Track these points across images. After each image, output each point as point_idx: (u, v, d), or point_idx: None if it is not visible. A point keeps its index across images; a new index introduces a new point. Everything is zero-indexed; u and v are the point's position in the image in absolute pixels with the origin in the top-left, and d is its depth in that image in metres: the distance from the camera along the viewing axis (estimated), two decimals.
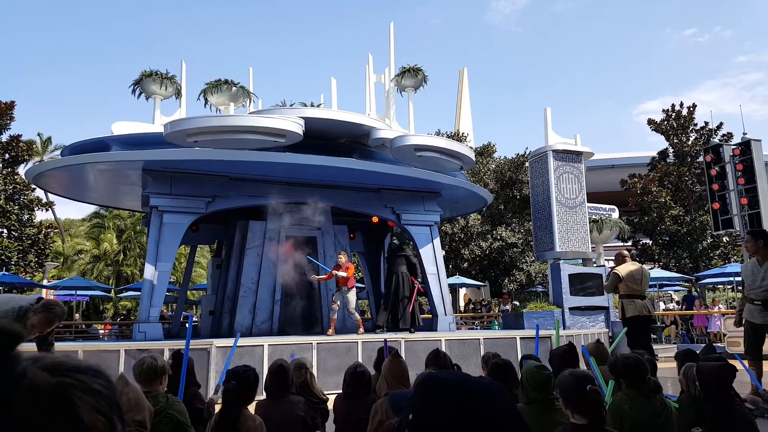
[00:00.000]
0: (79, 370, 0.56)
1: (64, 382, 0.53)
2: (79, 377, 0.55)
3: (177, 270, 23.30)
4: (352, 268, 9.18)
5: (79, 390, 0.53)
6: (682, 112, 23.20)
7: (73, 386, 0.53)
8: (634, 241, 23.91)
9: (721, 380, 3.39)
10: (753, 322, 6.33)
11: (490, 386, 0.80)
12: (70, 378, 0.54)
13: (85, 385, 0.54)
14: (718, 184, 12.02)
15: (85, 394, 0.54)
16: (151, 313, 8.70)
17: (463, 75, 36.62)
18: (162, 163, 8.97)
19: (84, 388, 0.54)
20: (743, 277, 6.57)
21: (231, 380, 3.22)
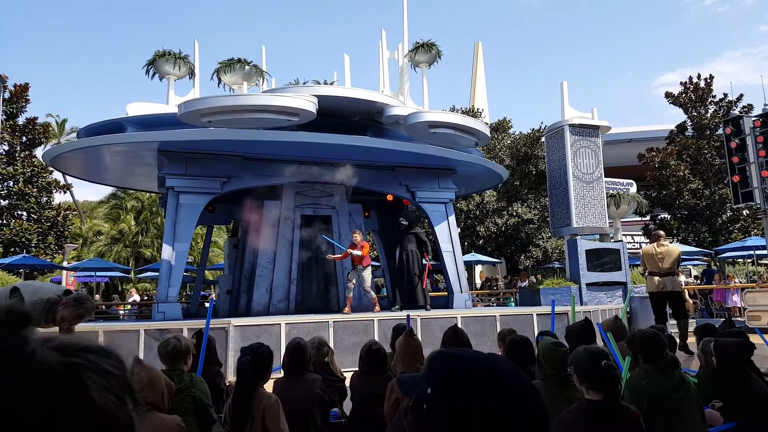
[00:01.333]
0: (89, 350, 0.55)
1: (74, 362, 0.53)
2: (90, 357, 0.54)
3: (194, 250, 23.57)
4: (366, 246, 9.19)
5: (89, 370, 0.53)
6: (700, 84, 22.63)
7: (83, 366, 0.53)
8: (653, 215, 23.60)
9: (738, 356, 3.36)
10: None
11: (504, 363, 0.80)
12: (80, 358, 0.53)
13: (95, 365, 0.54)
14: (738, 156, 11.79)
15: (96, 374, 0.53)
16: (170, 293, 8.83)
17: (477, 49, 35.95)
18: (177, 144, 8.99)
19: (94, 368, 0.54)
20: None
21: (246, 355, 3.25)
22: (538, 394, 0.77)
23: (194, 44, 11.44)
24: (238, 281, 10.49)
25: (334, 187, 10.28)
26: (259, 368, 3.26)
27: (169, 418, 2.69)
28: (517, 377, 0.77)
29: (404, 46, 11.87)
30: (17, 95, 18.93)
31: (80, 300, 3.87)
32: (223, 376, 4.38)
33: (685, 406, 2.92)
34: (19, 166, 18.70)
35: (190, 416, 3.04)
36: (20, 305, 0.56)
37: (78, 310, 3.78)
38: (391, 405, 3.49)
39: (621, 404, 2.54)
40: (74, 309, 3.76)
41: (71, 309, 3.75)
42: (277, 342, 7.46)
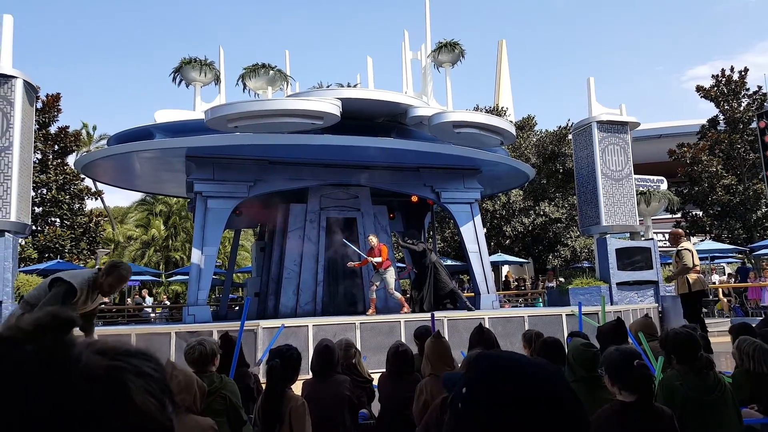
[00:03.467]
0: (130, 354, 0.56)
1: (116, 366, 0.54)
2: (131, 361, 0.55)
3: (222, 254, 23.92)
4: (384, 249, 9.19)
5: (130, 373, 0.54)
6: (733, 77, 22.02)
7: (125, 369, 0.54)
8: (684, 212, 23.05)
9: None
10: None
11: (546, 366, 0.78)
12: (122, 361, 0.55)
13: (136, 368, 0.55)
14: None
15: (137, 377, 0.54)
16: (200, 296, 8.97)
17: (501, 47, 35.66)
18: (204, 150, 9.13)
19: (135, 372, 0.55)
20: None
21: (275, 358, 3.26)
22: (580, 402, 0.75)
23: (219, 51, 11.61)
24: (265, 284, 10.59)
25: (359, 189, 10.30)
26: (288, 370, 3.28)
27: (203, 419, 2.72)
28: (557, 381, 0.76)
29: (427, 47, 11.83)
30: (49, 105, 19.50)
31: (115, 264, 4.26)
32: (251, 376, 4.41)
33: (721, 407, 2.85)
34: (51, 174, 19.25)
35: (221, 417, 3.07)
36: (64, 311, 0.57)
37: (119, 272, 4.16)
38: (420, 407, 3.48)
39: (654, 405, 2.49)
40: (115, 274, 4.14)
41: (113, 275, 4.13)
42: (305, 344, 7.50)
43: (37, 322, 0.54)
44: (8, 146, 8.83)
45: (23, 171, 9.16)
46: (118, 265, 4.23)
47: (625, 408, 2.37)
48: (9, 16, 9.07)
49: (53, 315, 0.55)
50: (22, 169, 9.06)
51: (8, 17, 9.06)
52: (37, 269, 15.39)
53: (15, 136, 8.89)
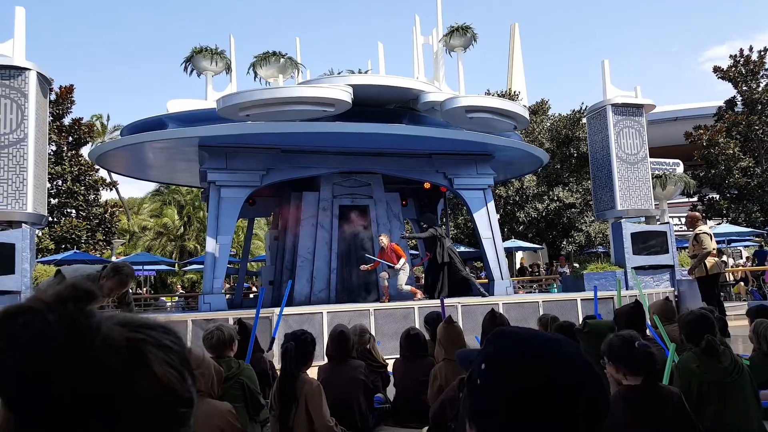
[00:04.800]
0: (150, 326, 0.57)
1: (136, 337, 0.55)
2: (150, 333, 0.56)
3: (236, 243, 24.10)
4: (396, 248, 9.24)
5: (150, 345, 0.55)
6: (752, 57, 21.55)
7: (145, 341, 0.55)
8: (701, 196, 22.74)
9: None
10: None
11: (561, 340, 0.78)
12: (142, 333, 0.56)
13: (156, 340, 0.56)
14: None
15: (157, 348, 0.55)
16: (215, 285, 9.04)
17: (514, 31, 35.17)
18: (217, 139, 9.15)
19: (155, 343, 0.56)
20: None
21: (290, 341, 3.29)
22: (599, 377, 0.75)
23: (230, 39, 11.59)
24: (279, 272, 10.65)
25: (371, 176, 10.27)
26: (302, 354, 3.31)
27: (220, 404, 2.75)
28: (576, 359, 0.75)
29: (438, 31, 11.69)
30: (62, 97, 19.66)
31: (117, 268, 4.04)
32: (267, 361, 4.45)
33: (739, 389, 2.83)
34: (66, 166, 19.46)
35: (239, 402, 3.11)
36: (85, 282, 0.58)
37: (119, 277, 3.95)
38: (435, 391, 3.50)
39: (661, 386, 2.49)
40: (116, 278, 3.93)
41: (113, 279, 3.92)
42: (320, 330, 7.56)
43: (59, 293, 0.55)
44: (23, 138, 8.91)
45: (38, 162, 9.26)
46: (119, 269, 4.02)
47: (632, 391, 2.37)
48: (21, 8, 9.11)
49: (74, 286, 0.56)
50: (37, 161, 9.16)
51: (20, 9, 9.10)
52: (55, 260, 15.64)
53: (30, 127, 8.97)
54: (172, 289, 27.47)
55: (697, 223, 9.07)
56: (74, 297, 0.55)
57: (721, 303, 8.73)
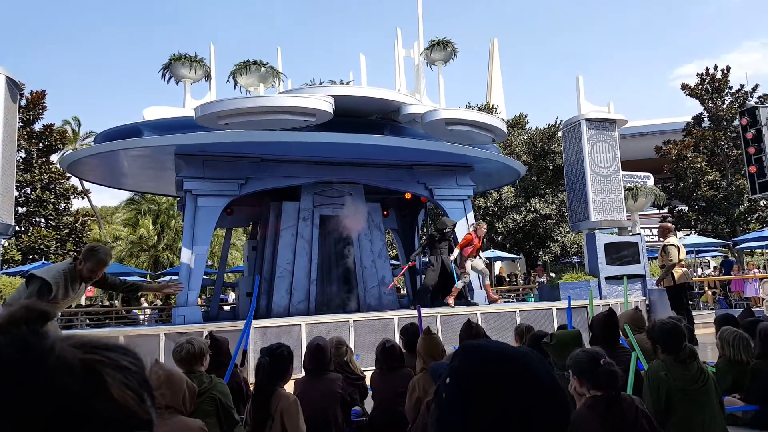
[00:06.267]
0: (108, 348, 0.57)
1: (93, 359, 0.54)
2: (108, 354, 0.56)
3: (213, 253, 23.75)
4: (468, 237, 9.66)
5: (108, 366, 0.55)
6: (717, 76, 22.35)
7: (103, 362, 0.55)
8: (670, 208, 23.38)
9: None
10: None
11: (528, 354, 0.80)
12: (99, 354, 0.55)
13: (114, 361, 0.56)
14: (754, 147, 11.70)
15: (115, 370, 0.55)
16: (190, 297, 8.87)
17: (493, 46, 35.84)
18: (194, 147, 9.04)
19: (113, 365, 0.55)
20: None
21: (265, 356, 3.24)
22: (563, 391, 0.77)
23: (210, 47, 11.50)
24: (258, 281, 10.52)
25: (352, 186, 10.28)
26: (278, 368, 3.25)
27: (192, 421, 2.69)
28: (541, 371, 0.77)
29: (420, 44, 11.83)
30: (34, 102, 19.20)
31: (92, 248, 4.02)
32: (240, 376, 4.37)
33: (704, 396, 2.92)
34: (36, 173, 18.96)
35: (211, 418, 3.04)
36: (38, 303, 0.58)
37: (97, 256, 3.92)
38: (413, 403, 3.49)
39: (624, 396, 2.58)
40: (93, 259, 3.90)
41: (90, 260, 3.89)
42: (298, 342, 7.48)
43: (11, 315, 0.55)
44: None
45: (6, 169, 8.96)
46: (95, 248, 4.01)
47: (597, 401, 2.45)
48: None
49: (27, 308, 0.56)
50: (5, 168, 8.86)
51: None
52: (21, 271, 15.15)
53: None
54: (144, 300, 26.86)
55: (668, 234, 9.33)
56: (27, 318, 0.55)
57: (689, 312, 8.97)
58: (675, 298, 8.90)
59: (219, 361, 3.91)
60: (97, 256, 3.92)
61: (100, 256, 3.93)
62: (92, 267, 3.91)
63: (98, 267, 3.95)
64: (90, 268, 3.90)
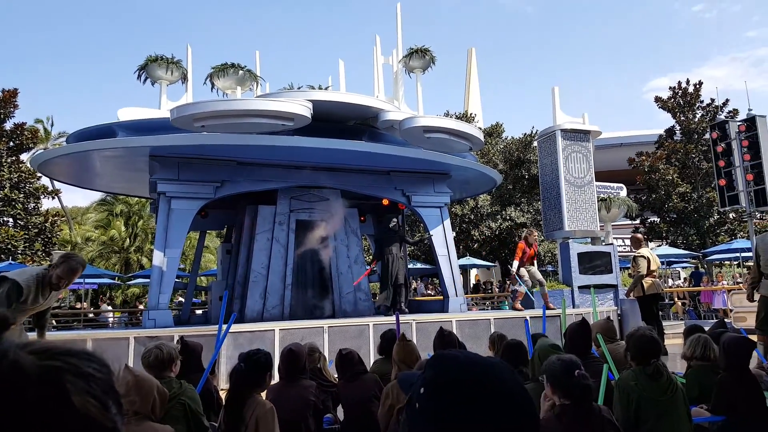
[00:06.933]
0: (71, 353, 0.55)
1: (52, 366, 0.52)
2: (70, 360, 0.54)
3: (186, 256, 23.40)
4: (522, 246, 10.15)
5: (69, 373, 0.53)
6: (689, 90, 22.95)
7: (63, 369, 0.53)
8: (642, 219, 23.84)
9: (746, 352, 3.44)
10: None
11: (498, 364, 0.81)
12: (60, 361, 0.53)
13: (75, 368, 0.54)
14: (724, 160, 12.00)
15: (76, 377, 0.53)
16: (161, 300, 8.72)
17: (471, 55, 36.24)
18: (169, 149, 8.92)
19: (75, 372, 0.53)
20: (760, 252, 6.47)
21: (241, 363, 3.21)
22: (533, 405, 0.78)
23: (187, 49, 11.38)
24: (231, 287, 10.40)
25: (329, 192, 10.25)
26: (255, 375, 3.22)
27: (161, 427, 2.64)
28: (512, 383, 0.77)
29: (398, 52, 11.90)
30: (5, 101, 18.72)
31: (67, 255, 3.96)
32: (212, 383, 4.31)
33: (673, 407, 2.97)
34: (5, 172, 18.47)
35: (180, 424, 2.99)
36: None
37: (69, 263, 3.86)
38: (386, 410, 3.49)
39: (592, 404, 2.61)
40: (65, 265, 3.84)
41: (63, 266, 3.83)
42: (271, 348, 7.42)
43: None
44: None
45: None
46: (69, 256, 3.95)
47: (565, 409, 2.47)
48: None
49: None
50: None
51: None
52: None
53: None
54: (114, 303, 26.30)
55: (639, 245, 9.51)
56: None
57: (659, 322, 9.16)
58: (645, 309, 9.08)
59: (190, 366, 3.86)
60: (69, 263, 3.85)
61: (71, 264, 3.86)
62: (61, 274, 3.84)
63: (70, 275, 3.88)
64: (59, 274, 3.83)
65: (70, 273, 3.87)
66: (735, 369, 3.38)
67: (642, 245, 9.50)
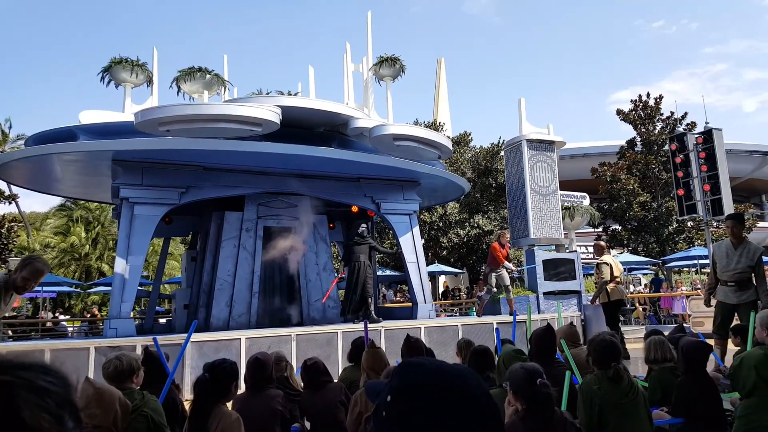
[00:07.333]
0: (24, 367, 0.53)
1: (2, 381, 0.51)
2: (23, 375, 0.52)
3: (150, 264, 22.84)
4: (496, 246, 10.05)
5: (20, 388, 0.51)
6: (649, 103, 23.69)
7: (14, 384, 0.51)
8: (604, 227, 24.43)
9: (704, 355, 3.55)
10: (726, 303, 6.51)
11: (464, 371, 0.81)
12: (11, 375, 0.52)
13: (28, 382, 0.52)
14: (682, 171, 12.43)
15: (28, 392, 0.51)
16: (123, 309, 8.49)
17: (440, 65, 36.71)
18: (133, 153, 8.71)
19: (27, 386, 0.52)
20: (716, 259, 6.71)
21: (205, 373, 3.15)
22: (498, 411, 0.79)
23: (153, 52, 11.17)
24: (196, 295, 10.20)
25: (298, 198, 10.18)
26: (220, 385, 3.16)
27: None
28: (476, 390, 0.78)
29: (369, 60, 11.96)
30: None
31: (30, 257, 3.93)
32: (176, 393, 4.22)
33: (634, 410, 3.04)
34: None
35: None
36: None
37: (35, 265, 3.83)
38: (354, 418, 3.48)
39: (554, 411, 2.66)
40: (31, 267, 3.81)
41: (28, 268, 3.81)
42: (238, 357, 7.29)
43: None
44: None
45: None
46: (33, 257, 3.92)
47: (529, 415, 2.52)
48: None
49: None
50: None
51: None
52: None
53: None
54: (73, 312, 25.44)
55: (602, 253, 9.73)
56: None
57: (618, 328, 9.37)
58: (609, 314, 9.28)
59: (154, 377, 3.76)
60: (34, 264, 3.82)
61: (36, 265, 3.83)
62: (27, 275, 3.80)
63: (35, 276, 3.85)
64: (25, 276, 3.79)
65: (36, 274, 3.83)
66: (693, 372, 3.48)
67: (605, 252, 9.73)
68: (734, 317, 6.52)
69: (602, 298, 9.27)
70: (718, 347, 6.33)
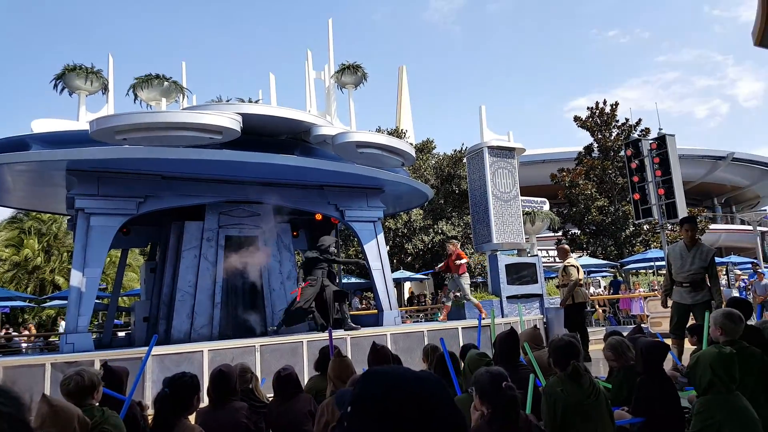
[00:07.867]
0: None
1: None
2: None
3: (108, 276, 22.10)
4: (463, 254, 10.21)
5: None
6: (605, 110, 24.47)
7: None
8: (564, 231, 25.03)
9: (661, 355, 3.66)
10: (682, 303, 6.74)
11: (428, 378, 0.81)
12: None
13: None
14: (638, 176, 12.88)
15: None
16: (80, 323, 8.18)
17: (402, 73, 37.03)
18: (88, 163, 8.44)
19: None
20: (671, 261, 6.95)
21: (165, 388, 3.09)
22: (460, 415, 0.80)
23: (108, 58, 10.88)
24: (156, 307, 9.93)
25: (261, 207, 10.05)
26: (181, 399, 3.11)
27: None
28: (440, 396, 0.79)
29: (330, 67, 11.95)
30: None
31: None
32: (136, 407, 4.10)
33: (596, 411, 3.10)
34: None
35: None
36: None
37: None
38: (321, 427, 3.45)
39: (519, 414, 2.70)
40: None
41: None
42: (200, 370, 7.13)
43: None
44: None
45: None
46: None
47: (492, 417, 2.55)
48: None
49: None
50: None
51: None
52: None
53: None
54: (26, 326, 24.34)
55: (567, 256, 9.97)
56: None
57: (585, 329, 9.59)
58: (576, 316, 9.46)
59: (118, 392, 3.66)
60: None
61: None
62: None
63: None
64: None
65: None
66: (651, 371, 3.59)
67: (569, 255, 9.97)
68: (690, 317, 6.75)
69: (568, 300, 9.47)
70: (675, 347, 6.54)
